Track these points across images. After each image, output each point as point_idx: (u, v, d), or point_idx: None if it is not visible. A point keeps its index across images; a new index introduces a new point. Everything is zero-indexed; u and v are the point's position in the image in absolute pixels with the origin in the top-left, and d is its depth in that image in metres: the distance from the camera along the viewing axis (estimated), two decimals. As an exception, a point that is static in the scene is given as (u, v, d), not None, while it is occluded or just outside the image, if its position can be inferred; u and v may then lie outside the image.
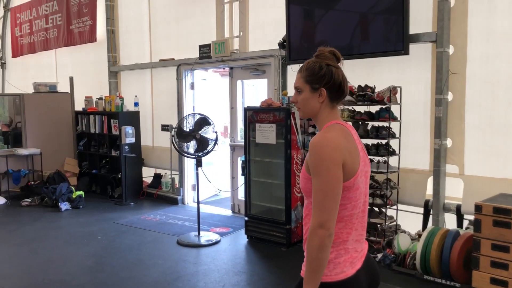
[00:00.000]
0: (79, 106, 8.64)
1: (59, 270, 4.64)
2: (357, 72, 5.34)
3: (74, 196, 7.40)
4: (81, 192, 7.55)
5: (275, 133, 5.25)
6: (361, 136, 4.82)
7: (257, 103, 5.59)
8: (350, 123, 2.65)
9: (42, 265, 4.78)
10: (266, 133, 5.31)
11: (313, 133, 5.28)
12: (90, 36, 9.02)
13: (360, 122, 4.89)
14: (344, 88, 1.85)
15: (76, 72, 9.19)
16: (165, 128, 7.67)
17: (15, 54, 11.75)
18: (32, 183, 8.00)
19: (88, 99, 8.40)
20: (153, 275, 4.50)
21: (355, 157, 1.77)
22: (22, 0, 11.31)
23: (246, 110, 5.51)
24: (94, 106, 8.29)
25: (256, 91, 7.32)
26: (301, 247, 5.31)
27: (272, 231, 5.34)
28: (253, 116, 5.44)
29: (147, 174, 8.34)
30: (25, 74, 11.66)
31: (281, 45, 5.89)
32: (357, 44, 5.08)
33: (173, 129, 5.71)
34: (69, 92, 8.64)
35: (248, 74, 6.58)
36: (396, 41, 4.73)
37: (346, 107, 4.99)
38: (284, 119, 5.16)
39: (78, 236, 5.81)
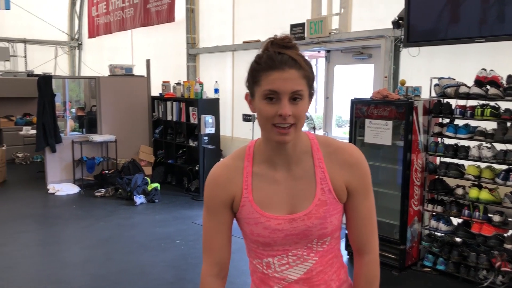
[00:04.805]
0: (155, 91, 8.08)
1: (135, 285, 4.01)
2: (498, 58, 4.25)
3: (149, 188, 6.86)
4: (156, 185, 7.00)
5: (391, 132, 4.29)
6: (510, 141, 3.75)
7: (356, 93, 4.65)
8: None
9: (117, 276, 4.19)
10: (379, 132, 4.35)
11: (439, 133, 4.26)
12: (168, 16, 8.40)
13: (508, 123, 3.81)
14: None
15: (153, 55, 8.64)
16: (247, 118, 6.91)
17: (91, 35, 11.48)
18: (107, 172, 7.56)
19: (165, 84, 7.80)
20: (243, 300, 3.76)
21: None
22: (100, -22, 10.96)
23: (354, 102, 4.56)
24: (172, 91, 7.68)
25: (353, 79, 6.34)
26: (416, 272, 4.39)
27: (381, 251, 4.41)
28: (362, 110, 4.50)
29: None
30: (101, 55, 11.37)
31: (396, 23, 4.87)
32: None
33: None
34: (146, 75, 8.10)
35: (350, 59, 5.62)
36: None
37: (488, 102, 3.92)
38: (404, 115, 4.17)
39: (155, 238, 5.20)
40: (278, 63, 1.20)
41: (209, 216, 1.37)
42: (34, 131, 8.36)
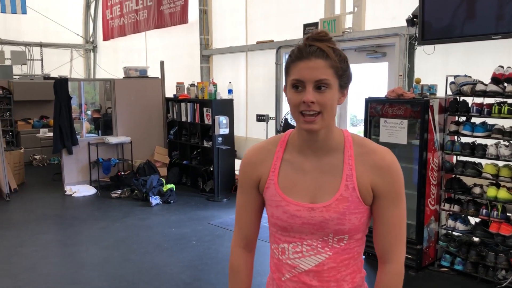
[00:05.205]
0: (169, 92, 8.14)
1: (152, 285, 4.05)
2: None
3: (165, 189, 6.90)
4: (172, 186, 7.05)
5: (407, 130, 4.25)
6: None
7: (371, 92, 4.64)
8: None
9: (134, 276, 4.23)
10: (395, 131, 4.32)
11: (456, 132, 4.21)
12: (181, 17, 8.45)
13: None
14: None
15: (166, 56, 8.70)
16: (260, 118, 6.93)
17: (106, 37, 11.59)
18: (122, 173, 7.63)
19: (179, 85, 7.84)
20: (259, 300, 3.75)
21: None
22: (113, -18, 11.07)
23: (369, 101, 4.54)
24: (186, 93, 7.72)
25: (368, 77, 6.29)
26: (433, 272, 4.36)
27: (398, 250, 4.38)
28: (376, 108, 4.47)
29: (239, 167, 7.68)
30: (116, 58, 11.49)
31: (410, 21, 4.82)
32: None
33: (281, 121, 4.91)
34: (160, 77, 8.16)
35: (364, 58, 5.59)
36: None
37: (505, 100, 3.86)
38: (420, 113, 4.14)
39: (171, 239, 5.24)
40: (305, 54, 1.25)
41: (240, 193, 1.49)
42: (51, 134, 8.49)
